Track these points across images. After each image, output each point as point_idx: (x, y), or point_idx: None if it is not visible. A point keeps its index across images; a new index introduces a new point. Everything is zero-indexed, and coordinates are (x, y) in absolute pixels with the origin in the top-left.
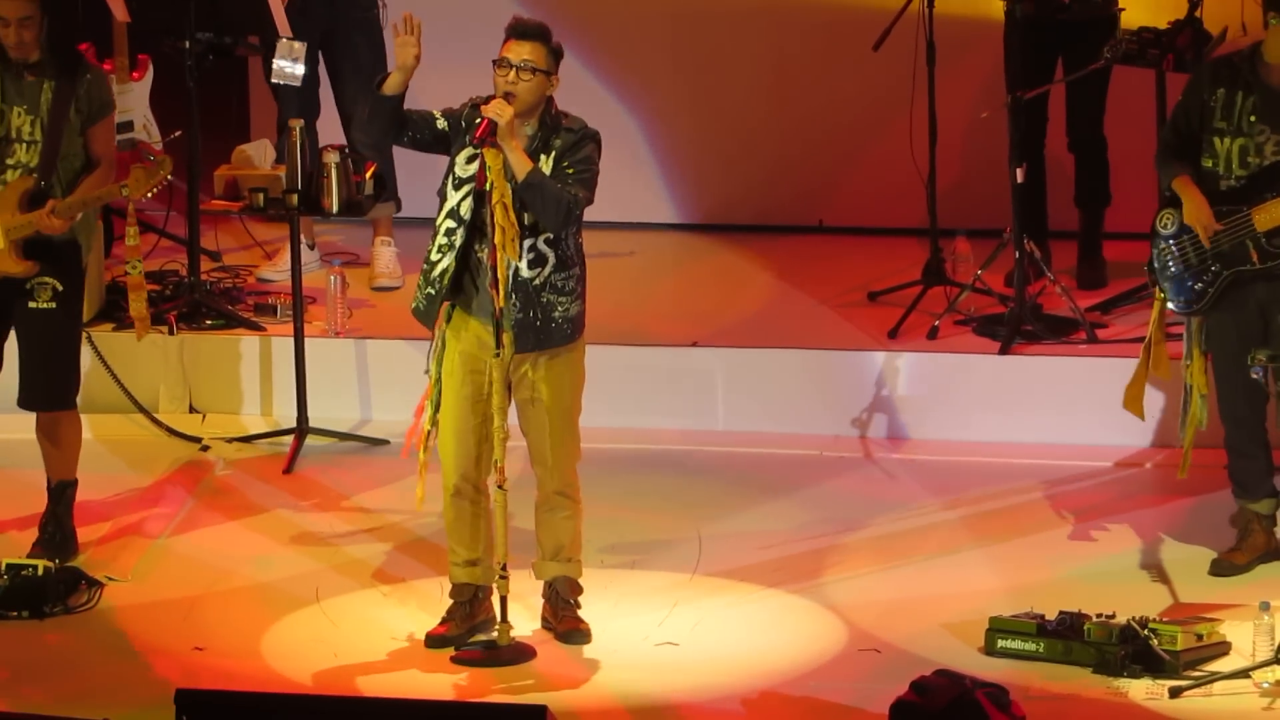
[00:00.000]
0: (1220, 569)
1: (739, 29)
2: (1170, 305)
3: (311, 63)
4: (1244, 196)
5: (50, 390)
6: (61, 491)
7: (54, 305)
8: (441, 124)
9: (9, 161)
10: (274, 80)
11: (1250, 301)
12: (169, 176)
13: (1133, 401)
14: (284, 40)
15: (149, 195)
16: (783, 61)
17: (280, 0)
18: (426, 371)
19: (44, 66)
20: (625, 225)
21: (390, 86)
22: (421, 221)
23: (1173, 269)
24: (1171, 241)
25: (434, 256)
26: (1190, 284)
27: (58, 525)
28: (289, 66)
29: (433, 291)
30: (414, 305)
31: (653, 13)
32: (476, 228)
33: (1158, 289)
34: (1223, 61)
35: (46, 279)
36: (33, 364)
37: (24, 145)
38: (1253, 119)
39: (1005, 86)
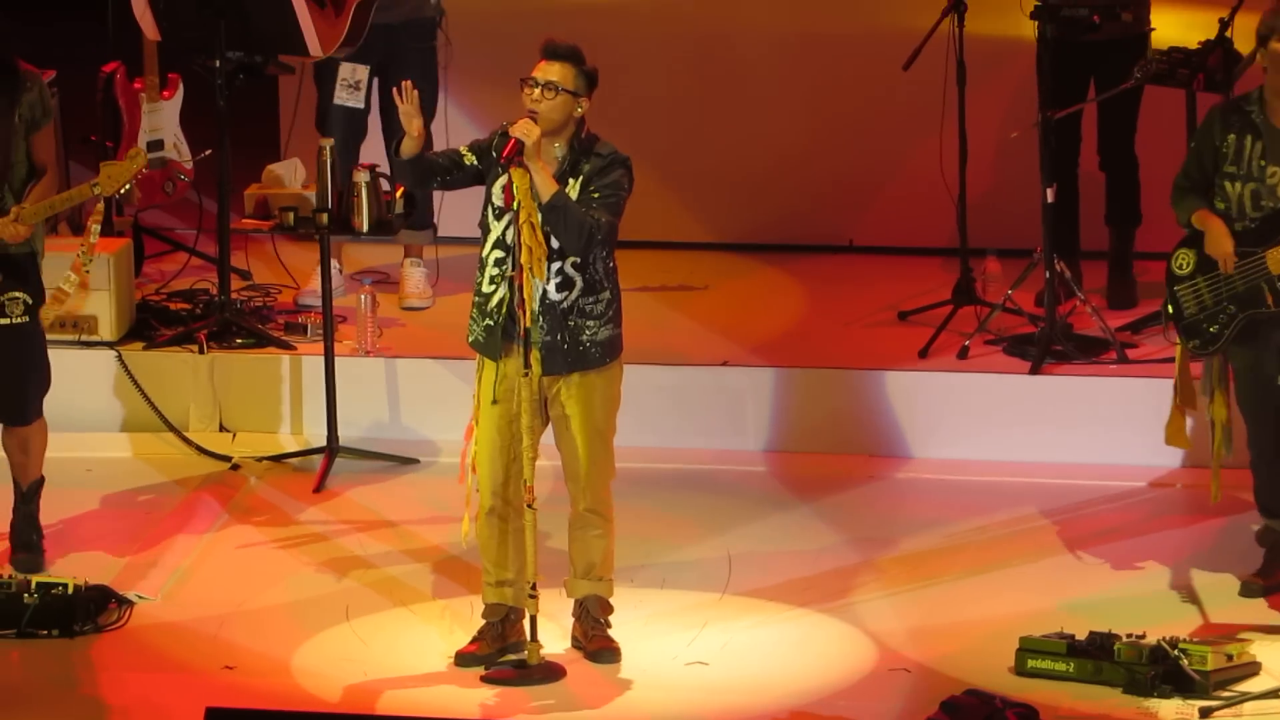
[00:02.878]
0: (1250, 591)
1: (770, 50)
2: (1186, 347)
3: (367, 89)
4: (1258, 239)
5: (26, 405)
6: (35, 490)
7: (27, 319)
8: (470, 159)
9: None
10: (336, 101)
11: (1267, 341)
12: (144, 169)
13: (1175, 436)
14: (347, 64)
15: (122, 191)
16: (813, 82)
17: (311, 19)
18: (495, 401)
19: None
20: (655, 245)
21: (405, 151)
22: (452, 241)
23: (1188, 312)
24: (1187, 284)
25: (486, 288)
26: (1205, 326)
27: (33, 525)
28: (351, 89)
29: (491, 323)
30: (472, 338)
31: (683, 34)
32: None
33: (1175, 331)
34: (1232, 106)
35: (16, 294)
36: (9, 379)
37: None
38: (1262, 162)
39: (1036, 106)
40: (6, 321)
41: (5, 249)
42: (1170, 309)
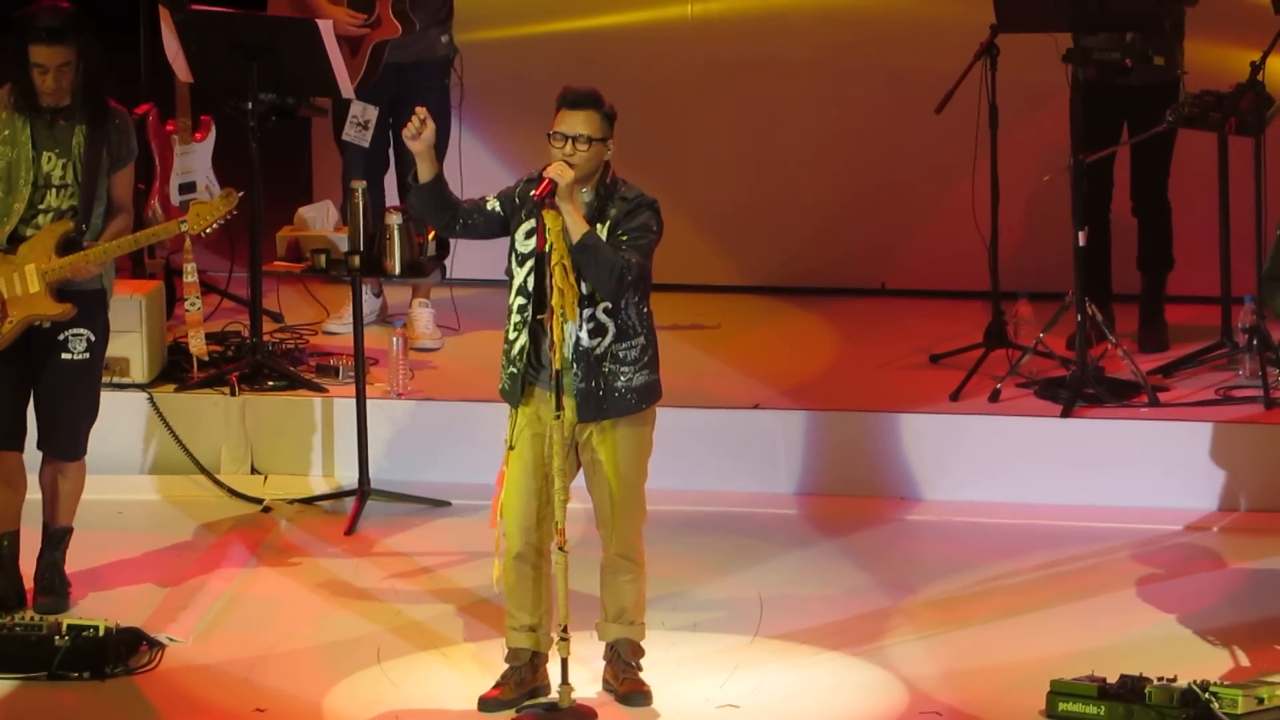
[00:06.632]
0: None
1: (801, 92)
2: None
3: (382, 125)
4: None
5: (75, 441)
6: (62, 537)
7: (88, 356)
8: (492, 205)
9: (40, 206)
10: (344, 138)
11: None
12: (234, 211)
13: None
14: (358, 103)
15: (208, 231)
16: (845, 124)
17: (343, 61)
18: (511, 447)
19: (74, 111)
20: (688, 287)
21: (422, 175)
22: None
23: None
24: None
25: (511, 335)
26: None
27: (57, 571)
28: (360, 127)
29: (515, 370)
30: (500, 385)
31: (714, 76)
32: (540, 297)
33: None
34: None
35: (80, 330)
36: (63, 415)
37: (54, 190)
38: None
39: (1069, 150)
40: (68, 357)
41: (76, 284)
42: None
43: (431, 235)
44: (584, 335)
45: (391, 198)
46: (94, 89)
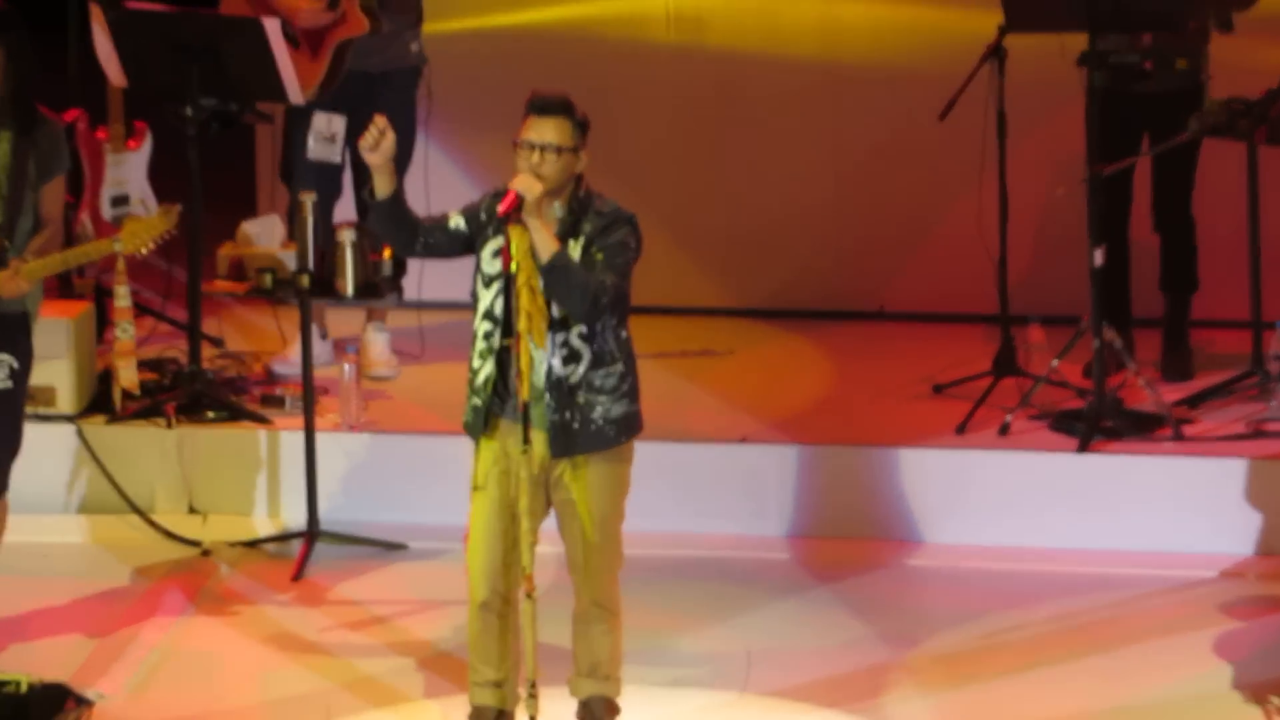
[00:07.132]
0: None
1: (792, 97)
2: None
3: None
4: None
5: (2, 474)
6: None
7: (10, 384)
8: (455, 222)
9: None
10: (310, 157)
11: None
12: (173, 230)
13: None
14: (321, 115)
15: (145, 250)
16: (841, 132)
17: (302, 63)
18: (478, 487)
19: (0, 118)
20: (667, 310)
21: (379, 190)
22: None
23: None
24: None
25: (475, 364)
26: None
27: None
28: (326, 142)
29: (479, 402)
30: (463, 418)
31: (708, 91)
32: (508, 322)
33: None
34: None
35: (2, 356)
36: None
37: None
38: None
39: (1084, 161)
40: None
41: None
42: None
43: (388, 254)
44: (556, 363)
45: (345, 214)
46: (23, 93)
